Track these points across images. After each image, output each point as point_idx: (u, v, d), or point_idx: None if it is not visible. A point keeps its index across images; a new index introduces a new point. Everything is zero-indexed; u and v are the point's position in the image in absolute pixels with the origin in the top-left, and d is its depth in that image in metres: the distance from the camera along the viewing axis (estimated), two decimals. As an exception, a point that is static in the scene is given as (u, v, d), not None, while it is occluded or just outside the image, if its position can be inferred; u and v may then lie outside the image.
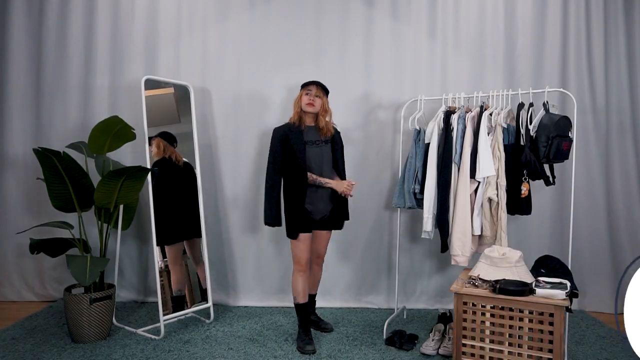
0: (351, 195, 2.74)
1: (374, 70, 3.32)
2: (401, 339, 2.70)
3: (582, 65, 3.27)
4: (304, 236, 2.62)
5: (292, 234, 2.62)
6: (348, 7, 3.32)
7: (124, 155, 3.35)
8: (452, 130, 2.72)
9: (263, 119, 3.36)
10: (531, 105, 2.63)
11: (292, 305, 3.38)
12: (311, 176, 2.62)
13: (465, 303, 2.30)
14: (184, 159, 3.08)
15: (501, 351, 2.24)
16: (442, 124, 2.78)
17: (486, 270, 2.40)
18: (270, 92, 3.36)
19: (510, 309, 2.21)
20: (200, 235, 3.11)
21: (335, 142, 2.76)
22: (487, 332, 2.27)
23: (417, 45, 3.31)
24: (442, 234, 2.77)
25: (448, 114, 2.77)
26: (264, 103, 3.36)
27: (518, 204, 2.69)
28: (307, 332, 2.68)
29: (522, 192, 2.63)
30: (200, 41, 3.36)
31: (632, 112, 3.31)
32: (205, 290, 3.10)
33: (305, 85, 2.71)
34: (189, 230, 3.07)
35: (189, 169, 3.10)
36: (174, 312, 2.92)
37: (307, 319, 2.72)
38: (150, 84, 2.92)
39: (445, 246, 2.79)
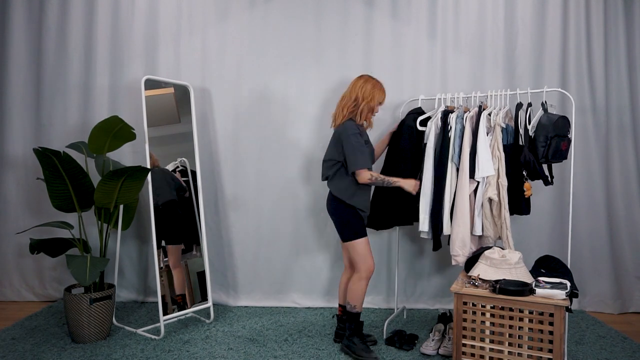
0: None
1: (374, 70, 3.31)
2: (401, 339, 2.70)
3: (582, 65, 3.27)
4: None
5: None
6: (348, 7, 3.32)
7: (124, 155, 3.35)
8: (449, 130, 2.72)
9: (263, 118, 3.37)
10: (530, 105, 2.63)
11: (293, 305, 3.40)
12: (379, 176, 2.49)
13: (465, 303, 2.30)
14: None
15: (501, 351, 2.24)
16: (439, 124, 2.78)
17: (486, 271, 2.41)
18: (270, 92, 3.36)
19: (510, 309, 2.21)
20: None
21: None
22: (487, 332, 2.27)
23: (417, 45, 3.31)
24: (434, 232, 2.76)
25: (446, 113, 2.77)
26: (264, 103, 3.36)
27: (517, 204, 2.69)
28: (364, 339, 2.59)
29: (525, 192, 2.63)
30: (200, 41, 3.36)
31: (632, 112, 3.30)
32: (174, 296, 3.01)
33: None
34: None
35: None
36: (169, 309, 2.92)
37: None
38: (150, 84, 2.92)
39: (437, 244, 2.78)
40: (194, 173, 3.13)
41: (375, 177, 2.47)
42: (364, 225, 2.56)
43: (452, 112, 2.76)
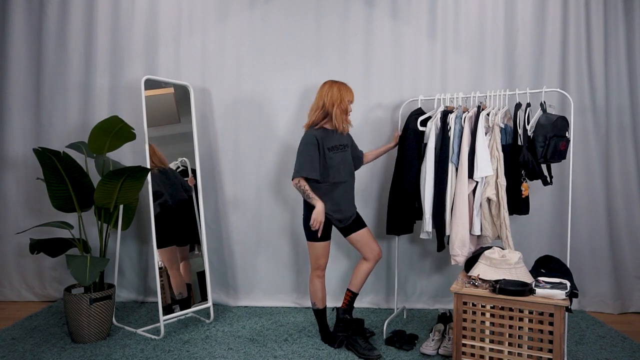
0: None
1: (374, 70, 3.32)
2: (401, 339, 2.69)
3: (582, 65, 3.26)
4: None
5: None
6: (348, 7, 3.31)
7: (124, 155, 3.35)
8: (449, 130, 2.72)
9: (263, 118, 3.37)
10: (528, 105, 2.63)
11: (292, 305, 3.40)
12: (304, 187, 2.53)
13: (465, 303, 2.30)
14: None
15: (501, 351, 2.24)
16: (439, 124, 2.78)
17: (486, 271, 2.41)
18: (270, 92, 3.36)
19: (510, 309, 2.21)
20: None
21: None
22: (487, 332, 2.27)
23: (417, 45, 3.31)
24: (437, 233, 2.77)
25: (445, 113, 2.77)
26: (264, 103, 3.36)
27: (516, 204, 2.69)
28: (367, 339, 2.67)
29: (523, 192, 2.62)
30: (200, 41, 3.36)
31: (632, 112, 3.30)
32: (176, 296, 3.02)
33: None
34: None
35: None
36: (169, 309, 2.92)
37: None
38: (150, 84, 2.92)
39: (441, 245, 2.79)
40: (194, 173, 3.13)
41: (301, 186, 2.52)
42: (325, 229, 2.59)
43: (451, 112, 2.76)
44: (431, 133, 2.77)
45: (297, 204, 3.38)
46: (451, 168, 2.70)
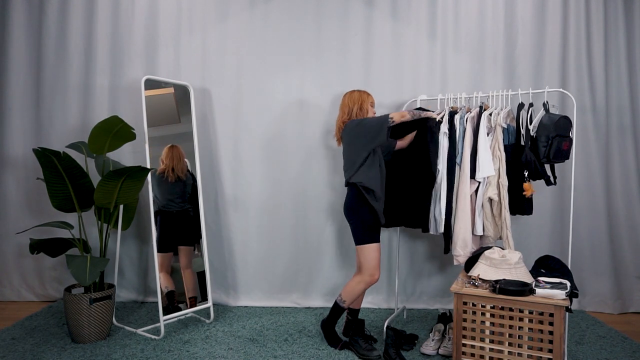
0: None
1: (374, 70, 3.32)
2: (401, 339, 2.69)
3: (582, 65, 3.27)
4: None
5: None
6: (348, 8, 3.32)
7: (124, 155, 3.35)
8: (455, 132, 2.71)
9: (263, 118, 3.37)
10: (531, 105, 2.63)
11: (292, 305, 3.40)
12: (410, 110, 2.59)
13: (465, 303, 2.30)
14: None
15: (501, 351, 2.24)
16: (447, 125, 2.76)
17: (486, 271, 2.41)
18: (270, 92, 3.36)
19: (510, 309, 2.21)
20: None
21: None
22: (487, 332, 2.27)
23: (417, 45, 3.31)
24: (446, 236, 2.76)
25: (452, 114, 2.76)
26: (264, 103, 3.36)
27: (519, 204, 2.69)
28: (367, 339, 2.65)
29: (525, 192, 2.61)
30: (200, 41, 3.36)
31: (632, 112, 3.30)
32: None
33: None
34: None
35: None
36: (168, 309, 2.91)
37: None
38: (150, 84, 2.92)
39: (448, 248, 2.78)
40: (194, 173, 3.13)
41: (405, 115, 2.52)
42: (379, 230, 2.56)
43: (456, 113, 2.76)
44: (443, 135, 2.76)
45: (297, 204, 3.38)
46: (457, 169, 2.69)
